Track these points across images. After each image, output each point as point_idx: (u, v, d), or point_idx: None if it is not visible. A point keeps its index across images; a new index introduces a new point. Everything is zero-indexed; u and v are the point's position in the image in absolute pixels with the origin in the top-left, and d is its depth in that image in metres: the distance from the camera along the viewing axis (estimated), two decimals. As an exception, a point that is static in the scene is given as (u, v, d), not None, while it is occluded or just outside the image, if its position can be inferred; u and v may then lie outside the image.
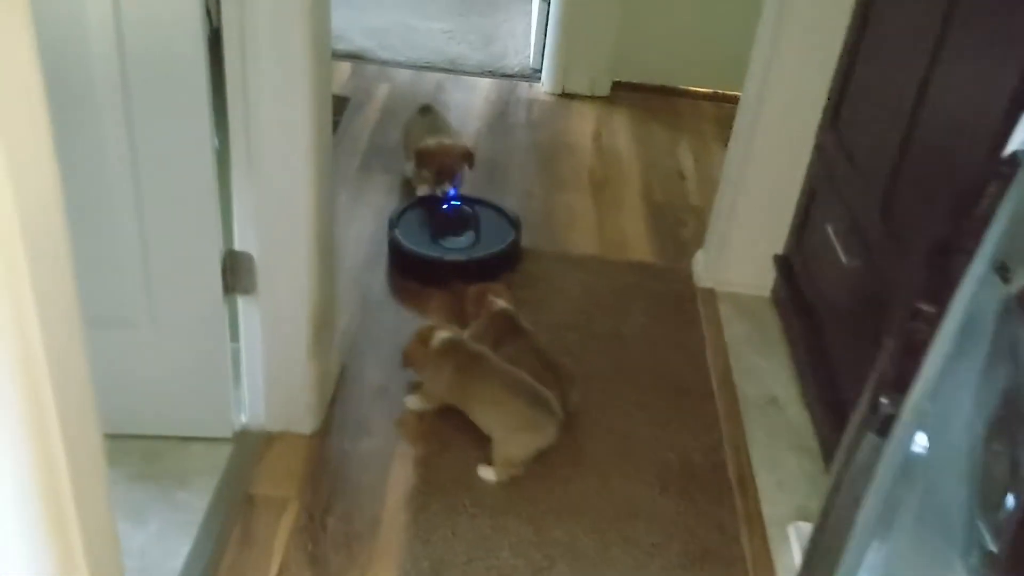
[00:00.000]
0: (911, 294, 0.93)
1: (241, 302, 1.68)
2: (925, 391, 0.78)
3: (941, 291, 0.85)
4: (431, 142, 2.53)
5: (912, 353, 0.80)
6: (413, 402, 1.91)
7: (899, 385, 0.81)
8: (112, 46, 1.37)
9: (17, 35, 0.72)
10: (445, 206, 2.45)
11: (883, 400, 0.81)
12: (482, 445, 1.80)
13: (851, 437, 0.90)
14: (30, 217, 0.77)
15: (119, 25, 1.36)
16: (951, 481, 0.84)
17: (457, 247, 2.37)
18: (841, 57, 2.06)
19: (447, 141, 2.57)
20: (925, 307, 0.83)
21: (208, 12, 1.39)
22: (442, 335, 1.87)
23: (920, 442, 0.87)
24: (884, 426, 0.82)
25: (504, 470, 1.76)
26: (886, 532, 0.87)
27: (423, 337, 1.88)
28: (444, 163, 2.48)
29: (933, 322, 0.81)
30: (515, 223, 2.47)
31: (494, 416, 1.78)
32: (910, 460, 0.88)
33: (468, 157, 2.56)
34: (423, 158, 2.50)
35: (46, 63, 1.35)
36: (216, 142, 1.51)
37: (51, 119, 0.79)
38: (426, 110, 2.78)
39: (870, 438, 0.83)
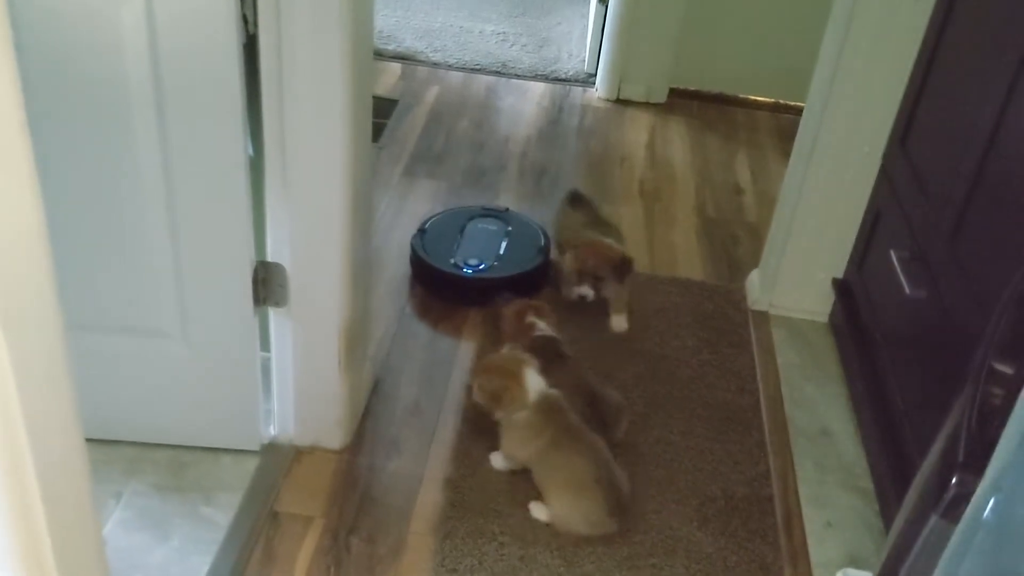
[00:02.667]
0: (984, 349, 0.83)
1: (273, 314, 1.63)
2: (1002, 468, 0.68)
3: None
4: (587, 239, 2.20)
5: (986, 423, 0.71)
6: (498, 461, 1.77)
7: (970, 460, 0.71)
8: (145, 51, 1.33)
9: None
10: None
11: (954, 481, 0.71)
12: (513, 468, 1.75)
13: (914, 513, 0.80)
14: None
15: (152, 30, 1.32)
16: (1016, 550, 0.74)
17: (478, 264, 2.26)
18: (913, 73, 1.93)
19: (602, 241, 2.21)
20: (1002, 368, 0.73)
21: (244, 18, 1.34)
22: (536, 387, 1.69)
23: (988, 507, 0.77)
24: (953, 509, 0.72)
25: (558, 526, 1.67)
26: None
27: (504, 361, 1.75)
28: (589, 265, 2.13)
29: (1012, 387, 0.71)
30: (546, 241, 2.35)
31: (566, 499, 1.65)
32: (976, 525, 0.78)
33: (620, 268, 2.14)
34: (573, 254, 2.17)
35: (77, 70, 1.33)
36: (250, 151, 1.46)
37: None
38: (575, 199, 2.43)
39: (936, 522, 0.73)
